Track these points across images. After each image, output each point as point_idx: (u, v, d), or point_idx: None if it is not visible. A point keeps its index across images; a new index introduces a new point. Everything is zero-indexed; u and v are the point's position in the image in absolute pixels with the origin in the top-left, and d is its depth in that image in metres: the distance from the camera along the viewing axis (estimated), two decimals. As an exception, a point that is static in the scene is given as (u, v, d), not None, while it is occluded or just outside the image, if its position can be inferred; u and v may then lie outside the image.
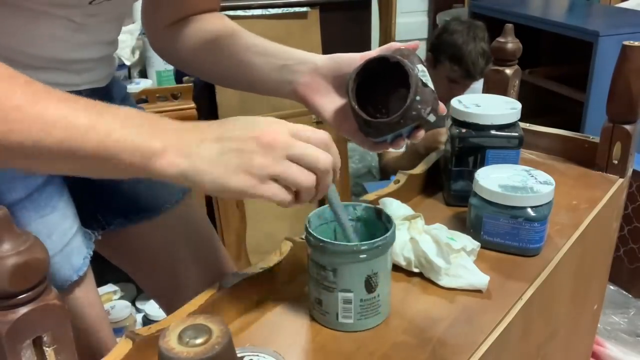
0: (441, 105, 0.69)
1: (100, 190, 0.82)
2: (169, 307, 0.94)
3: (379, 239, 0.58)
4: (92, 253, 0.75)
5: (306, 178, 0.55)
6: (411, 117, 0.66)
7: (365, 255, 0.57)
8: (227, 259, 0.96)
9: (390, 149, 0.73)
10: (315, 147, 0.56)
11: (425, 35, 3.28)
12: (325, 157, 0.56)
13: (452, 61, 1.94)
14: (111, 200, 0.84)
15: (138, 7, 1.69)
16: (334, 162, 0.57)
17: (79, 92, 0.73)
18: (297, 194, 0.56)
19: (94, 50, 0.74)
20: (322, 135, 0.57)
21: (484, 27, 1.98)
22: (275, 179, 0.54)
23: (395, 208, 0.75)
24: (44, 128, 0.50)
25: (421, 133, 0.69)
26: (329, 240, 0.58)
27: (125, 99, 0.88)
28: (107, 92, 0.82)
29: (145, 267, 0.93)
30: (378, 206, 0.67)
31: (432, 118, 0.67)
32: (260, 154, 0.53)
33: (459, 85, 1.97)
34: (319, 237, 0.58)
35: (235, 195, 0.55)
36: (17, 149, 0.50)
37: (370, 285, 0.59)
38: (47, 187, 0.69)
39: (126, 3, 0.77)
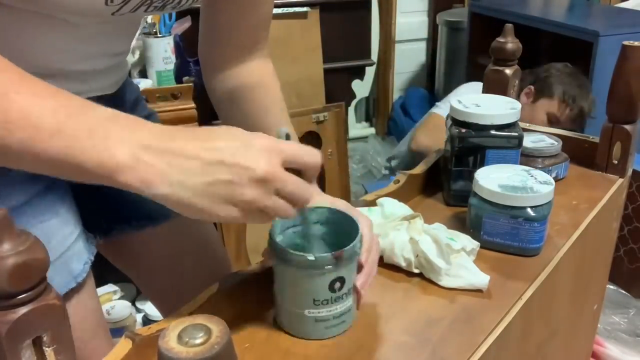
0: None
1: (104, 196, 0.82)
2: (169, 312, 0.94)
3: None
4: (92, 258, 0.74)
5: (288, 210, 0.53)
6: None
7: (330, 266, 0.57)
8: (229, 265, 0.96)
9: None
10: (300, 183, 0.53)
11: (425, 35, 3.28)
12: (309, 195, 0.54)
13: (564, 99, 1.94)
14: (115, 207, 0.84)
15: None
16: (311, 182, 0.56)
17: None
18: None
19: (100, 62, 0.73)
20: (317, 159, 0.54)
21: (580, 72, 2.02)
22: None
23: (394, 208, 0.75)
24: (6, 126, 0.47)
25: None
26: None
27: (137, 102, 0.87)
28: (117, 97, 0.80)
29: (146, 272, 0.92)
30: (340, 210, 0.65)
31: None
32: (252, 189, 0.50)
33: (556, 126, 1.95)
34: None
35: (217, 221, 0.53)
36: None
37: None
38: (49, 194, 0.68)
39: (137, 18, 0.76)
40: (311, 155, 0.54)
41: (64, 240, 0.70)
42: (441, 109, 2.03)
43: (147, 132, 0.51)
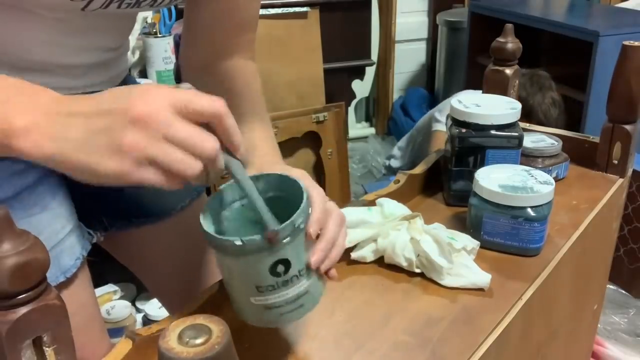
0: None
1: (103, 192, 0.82)
2: (172, 308, 0.94)
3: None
4: (85, 254, 0.74)
5: (189, 166, 0.47)
6: None
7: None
8: None
9: None
10: (199, 131, 0.47)
11: (425, 35, 3.28)
12: (211, 144, 0.47)
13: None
14: (114, 203, 0.83)
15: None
16: (230, 138, 0.49)
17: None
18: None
19: (92, 56, 0.72)
20: (217, 107, 0.48)
21: (548, 76, 1.94)
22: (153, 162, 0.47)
23: (393, 208, 0.75)
24: None
25: None
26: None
27: None
28: None
29: (147, 269, 0.92)
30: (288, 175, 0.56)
31: None
32: (131, 132, 0.45)
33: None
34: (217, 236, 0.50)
35: (110, 182, 0.47)
36: None
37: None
38: (39, 187, 0.68)
39: (128, 15, 0.75)
40: (208, 100, 0.48)
41: (54, 234, 0.69)
42: (443, 125, 2.00)
43: (47, 98, 0.49)
